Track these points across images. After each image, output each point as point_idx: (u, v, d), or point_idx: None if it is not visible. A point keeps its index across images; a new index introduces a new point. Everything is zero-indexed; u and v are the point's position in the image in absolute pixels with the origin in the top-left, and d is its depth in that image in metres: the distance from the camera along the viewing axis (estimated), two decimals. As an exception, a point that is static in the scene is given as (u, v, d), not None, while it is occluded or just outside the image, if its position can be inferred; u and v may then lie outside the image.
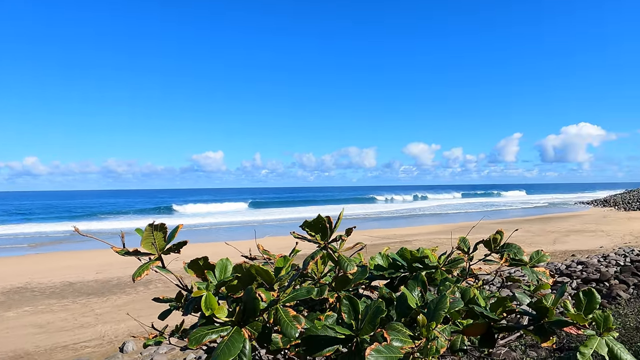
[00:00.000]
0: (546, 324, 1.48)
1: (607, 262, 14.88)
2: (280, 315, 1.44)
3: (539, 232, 24.19)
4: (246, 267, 1.58)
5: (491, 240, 2.27)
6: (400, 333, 1.30)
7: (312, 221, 1.68)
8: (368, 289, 2.44)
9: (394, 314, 1.61)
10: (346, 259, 1.82)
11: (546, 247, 18.74)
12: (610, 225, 27.25)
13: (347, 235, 1.88)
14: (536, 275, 2.14)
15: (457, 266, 2.30)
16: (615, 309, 6.33)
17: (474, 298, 1.67)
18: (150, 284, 12.75)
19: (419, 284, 1.67)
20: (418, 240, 21.30)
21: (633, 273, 13.13)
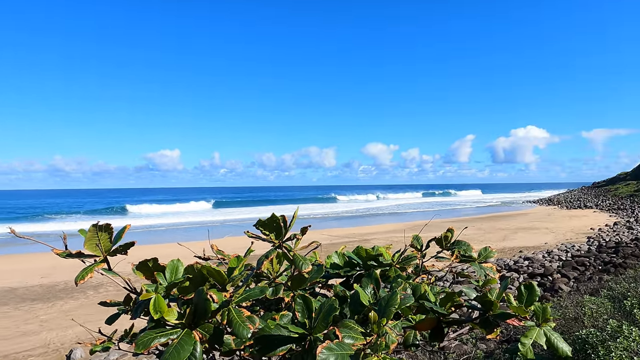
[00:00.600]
0: (491, 317, 1.55)
1: (550, 257, 15.83)
2: (232, 316, 1.41)
3: (489, 230, 25.32)
4: (198, 268, 1.54)
5: (442, 238, 2.34)
6: (352, 330, 1.32)
7: (266, 220, 1.66)
8: (325, 287, 2.45)
9: (348, 312, 1.63)
10: (301, 258, 1.82)
11: (496, 244, 19.66)
12: (554, 223, 29.01)
13: (302, 234, 1.88)
14: (484, 271, 2.23)
15: (411, 263, 2.36)
16: (557, 301, 6.74)
17: (424, 294, 1.72)
18: (100, 287, 12.19)
19: (372, 281, 1.70)
20: (376, 239, 21.69)
21: (573, 267, 14.05)
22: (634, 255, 15.07)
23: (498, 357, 4.50)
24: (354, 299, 1.56)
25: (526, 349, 1.40)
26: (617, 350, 2.98)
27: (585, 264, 14.37)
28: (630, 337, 3.10)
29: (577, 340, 3.41)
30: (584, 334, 3.39)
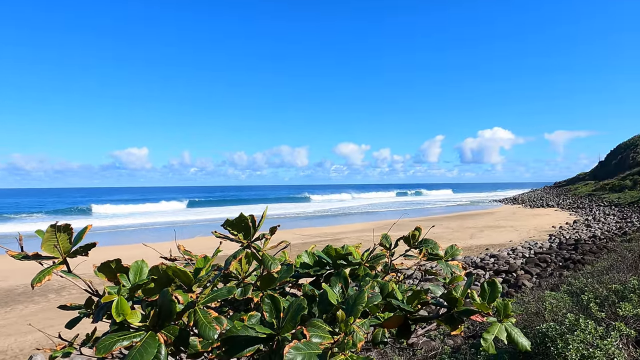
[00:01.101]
0: (455, 314, 1.59)
1: (515, 254, 16.40)
2: (198, 317, 1.39)
3: (457, 229, 25.98)
4: (163, 269, 1.51)
5: (410, 237, 2.38)
6: (320, 329, 1.32)
7: (234, 220, 1.64)
8: (295, 287, 2.44)
9: (317, 311, 1.63)
10: (270, 257, 1.80)
11: (464, 242, 20.19)
12: (519, 221, 30.07)
13: (271, 233, 1.87)
14: (450, 269, 2.28)
15: (380, 262, 2.39)
16: (521, 297, 7.00)
17: (392, 292, 1.75)
18: (63, 290, 11.73)
19: (341, 280, 1.71)
20: (348, 238, 21.86)
21: (536, 264, 14.61)
22: (592, 252, 15.82)
23: (464, 352, 4.63)
24: (323, 298, 1.56)
25: (488, 344, 1.45)
26: (575, 343, 3.12)
27: (547, 260, 14.97)
28: (587, 330, 3.25)
29: (538, 334, 3.54)
30: (544, 328, 3.53)
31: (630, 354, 3.45)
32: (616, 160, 77.38)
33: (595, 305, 3.99)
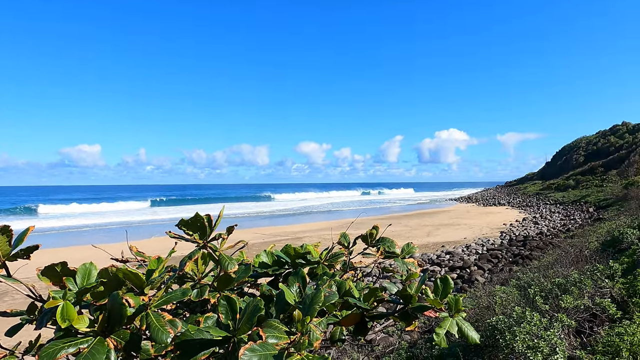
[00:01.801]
0: (410, 310, 1.64)
1: (469, 251, 17.07)
2: (151, 321, 1.34)
3: (415, 227, 26.70)
4: (113, 272, 1.45)
5: (368, 235, 2.42)
6: (276, 330, 1.32)
7: (189, 220, 1.60)
8: (253, 287, 2.42)
9: (274, 311, 1.63)
10: (227, 257, 1.78)
11: (421, 239, 20.78)
12: (472, 219, 31.31)
13: (228, 233, 1.84)
14: (406, 266, 2.34)
15: (338, 260, 2.41)
16: (474, 292, 7.29)
17: (349, 290, 1.77)
18: (5, 295, 11.01)
19: (299, 279, 1.71)
20: (308, 237, 21.91)
21: (488, 260, 15.28)
22: (539, 248, 16.75)
23: (420, 347, 4.77)
24: (280, 298, 1.56)
25: (440, 338, 1.50)
26: (521, 335, 3.30)
27: (498, 256, 15.69)
28: (532, 322, 3.45)
29: (488, 327, 3.71)
30: (494, 321, 3.71)
31: (570, 343, 3.69)
32: (561, 161, 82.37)
33: (540, 298, 4.23)
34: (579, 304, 4.26)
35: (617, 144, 65.30)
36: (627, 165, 48.19)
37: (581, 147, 77.93)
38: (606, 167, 55.41)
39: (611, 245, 10.07)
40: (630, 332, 3.64)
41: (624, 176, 43.06)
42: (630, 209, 20.51)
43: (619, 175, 45.94)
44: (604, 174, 52.83)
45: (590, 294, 4.77)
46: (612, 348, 3.43)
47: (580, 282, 4.70)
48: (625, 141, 63.28)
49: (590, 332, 4.09)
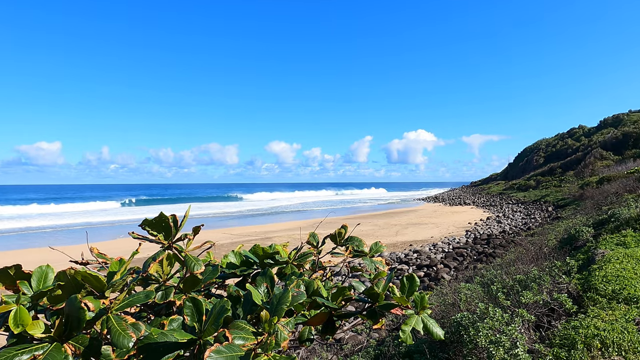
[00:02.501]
0: (377, 308, 1.65)
1: (435, 249, 17.47)
2: (111, 325, 1.30)
3: (384, 226, 27.08)
4: (71, 274, 1.39)
5: (336, 235, 2.44)
6: (243, 331, 1.30)
7: (153, 220, 1.56)
8: (221, 288, 2.38)
9: (241, 312, 1.61)
10: (193, 258, 1.74)
11: (389, 238, 21.09)
12: (439, 218, 32.08)
13: (194, 233, 1.80)
14: (374, 265, 2.36)
15: (307, 260, 2.41)
16: (440, 289, 7.47)
17: (317, 290, 1.77)
18: (-46, 301, 10.34)
19: (267, 279, 1.70)
20: (278, 237, 21.81)
21: (454, 258, 15.69)
22: (502, 246, 17.35)
23: (388, 345, 4.84)
24: (247, 299, 1.54)
25: (406, 335, 1.53)
26: (484, 330, 3.41)
27: (463, 254, 16.15)
28: (495, 317, 3.57)
29: (453, 323, 3.81)
30: (459, 318, 3.81)
31: (530, 337, 3.85)
32: (523, 162, 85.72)
33: (502, 294, 4.39)
34: (538, 300, 4.45)
35: (574, 146, 68.66)
36: (583, 167, 50.73)
37: (541, 149, 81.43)
38: (564, 168, 58.14)
39: (568, 243, 10.57)
40: (585, 325, 3.83)
41: (580, 177, 45.29)
42: (586, 208, 21.60)
43: (576, 176, 48.28)
44: (562, 174, 55.38)
45: (549, 289, 4.99)
46: (568, 341, 3.60)
47: (540, 279, 4.90)
48: (581, 143, 66.62)
49: (549, 326, 4.27)
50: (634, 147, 50.69)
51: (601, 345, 3.47)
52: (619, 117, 66.72)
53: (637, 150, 48.47)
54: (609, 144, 54.93)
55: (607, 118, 70.02)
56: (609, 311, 4.29)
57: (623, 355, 3.38)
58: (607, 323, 3.89)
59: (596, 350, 3.43)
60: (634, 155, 46.22)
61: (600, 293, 4.89)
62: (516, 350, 3.17)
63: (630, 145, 51.41)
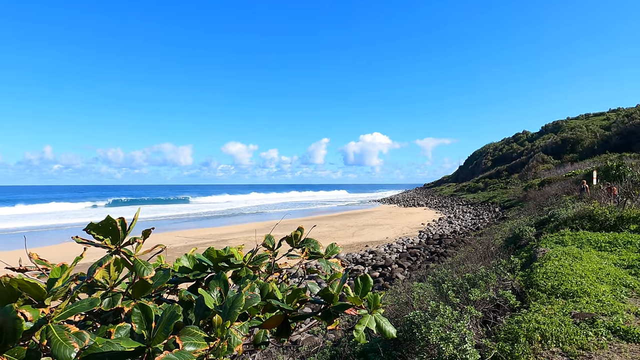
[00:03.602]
0: (331, 309, 1.67)
1: (390, 250, 17.88)
2: (52, 335, 1.22)
3: (341, 227, 27.36)
4: (6, 282, 1.29)
5: (293, 237, 2.43)
6: (194, 336, 1.27)
7: (99, 223, 1.49)
8: (173, 293, 2.31)
9: (193, 318, 1.57)
10: (143, 263, 1.68)
11: (346, 240, 21.34)
12: (394, 220, 32.87)
13: (144, 237, 1.74)
14: (330, 266, 2.39)
15: (263, 262, 2.39)
16: (394, 289, 7.65)
17: (272, 292, 1.76)
18: None
19: (220, 283, 1.67)
20: (235, 239, 21.47)
21: (408, 258, 16.12)
22: (453, 245, 18.05)
23: (344, 345, 4.89)
24: (199, 304, 1.50)
25: (359, 335, 1.55)
26: (435, 327, 3.53)
27: (417, 254, 16.63)
28: (445, 314, 3.71)
29: (407, 322, 3.92)
30: (411, 316, 3.92)
31: (478, 333, 4.03)
32: (472, 165, 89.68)
33: (452, 292, 4.57)
34: (485, 296, 4.67)
35: (518, 150, 72.78)
36: (527, 170, 53.86)
37: (489, 153, 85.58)
38: (510, 171, 61.45)
39: (513, 242, 11.18)
40: (527, 319, 4.07)
41: (524, 179, 48.05)
42: (529, 209, 22.94)
43: (520, 179, 51.17)
44: (508, 177, 58.50)
45: (495, 286, 5.25)
46: (512, 335, 3.81)
47: (487, 276, 5.15)
48: (525, 148, 70.73)
49: (495, 322, 4.49)
50: (571, 151, 54.52)
51: (541, 338, 3.70)
52: (559, 123, 71.53)
53: (574, 155, 52.16)
54: (550, 149, 58.74)
55: (548, 124, 74.88)
56: (548, 306, 4.59)
57: (560, 347, 3.62)
58: (547, 317, 4.15)
59: (537, 342, 3.65)
60: (572, 160, 49.71)
61: (541, 289, 5.21)
62: (464, 345, 3.31)
63: (568, 150, 55.25)
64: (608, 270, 5.95)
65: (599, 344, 3.65)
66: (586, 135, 55.74)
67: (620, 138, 48.09)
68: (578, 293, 4.89)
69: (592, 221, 10.44)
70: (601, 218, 10.32)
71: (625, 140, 46.89)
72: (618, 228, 9.85)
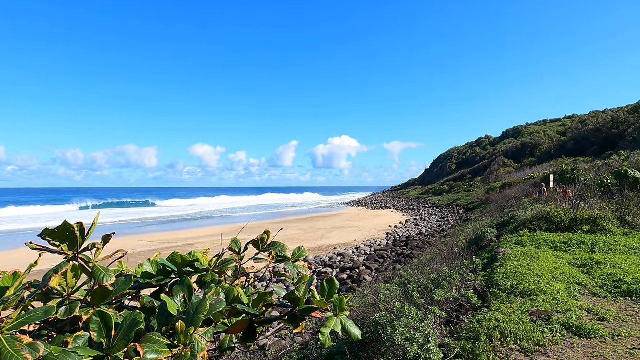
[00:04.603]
0: (297, 312, 1.68)
1: (358, 252, 18.05)
2: (2, 346, 1.17)
3: (309, 230, 27.38)
4: (-48, 292, 1.22)
5: (259, 240, 2.42)
6: (156, 344, 1.24)
7: (55, 229, 1.43)
8: (136, 299, 2.25)
9: (156, 324, 1.53)
10: (102, 269, 1.63)
11: (315, 242, 21.37)
12: (362, 222, 33.22)
13: (104, 242, 1.68)
14: (297, 269, 2.39)
15: (229, 267, 2.36)
16: (362, 291, 7.73)
17: (237, 297, 1.75)
18: None
19: (184, 288, 1.64)
20: (201, 243, 21.06)
21: (375, 260, 16.33)
22: (419, 247, 18.44)
23: (311, 348, 4.90)
24: (162, 310, 1.47)
25: (325, 337, 1.57)
26: (400, 328, 3.60)
27: (384, 256, 16.88)
28: (410, 315, 3.79)
29: (373, 323, 3.97)
30: (377, 317, 3.98)
31: (441, 333, 4.14)
32: (438, 169, 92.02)
33: (417, 293, 4.67)
34: (449, 297, 4.80)
35: (481, 154, 75.34)
36: (489, 173, 55.85)
37: (453, 156, 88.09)
38: (473, 174, 63.54)
39: (475, 243, 11.55)
40: (487, 318, 4.21)
41: (487, 182, 49.80)
42: (491, 211, 23.77)
43: (483, 182, 53.00)
44: (471, 180, 60.46)
45: (458, 287, 5.41)
46: (474, 334, 3.94)
47: (450, 277, 5.30)
48: (487, 152, 73.32)
49: (458, 321, 4.63)
50: (530, 155, 57.00)
51: (500, 336, 3.85)
52: (519, 129, 74.67)
53: (533, 159, 54.56)
54: (510, 153, 61.18)
55: (509, 129, 78.03)
56: (507, 304, 4.77)
57: (518, 344, 3.77)
58: (506, 315, 4.32)
59: (496, 340, 3.79)
60: (531, 163, 51.97)
61: (501, 288, 5.41)
62: (428, 345, 3.40)
63: (528, 154, 57.75)
64: (563, 270, 6.26)
65: (553, 340, 3.83)
66: (544, 141, 58.46)
67: (575, 143, 50.73)
68: (535, 292, 5.11)
69: (549, 222, 10.95)
70: (557, 219, 10.84)
71: (579, 145, 49.52)
72: (572, 229, 10.38)
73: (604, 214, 10.54)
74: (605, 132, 46.73)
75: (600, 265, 6.49)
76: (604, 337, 3.89)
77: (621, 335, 3.92)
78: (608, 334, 3.94)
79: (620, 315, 4.47)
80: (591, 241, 8.57)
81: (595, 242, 8.45)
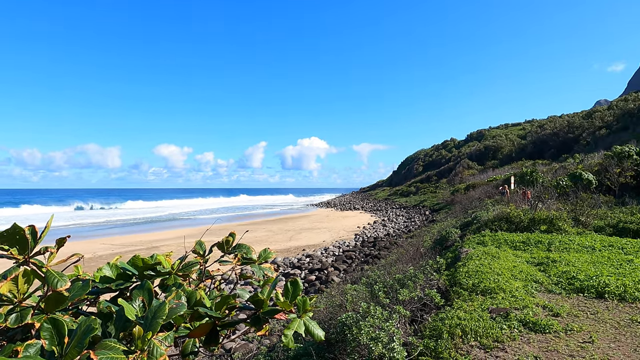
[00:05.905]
0: (261, 314, 1.67)
1: (327, 253, 18.12)
2: (-57, 358, 1.10)
3: (278, 231, 27.25)
4: None
5: (224, 243, 2.39)
6: (112, 350, 1.21)
7: (5, 232, 1.37)
8: (94, 305, 2.17)
9: (113, 330, 1.49)
10: (56, 274, 1.57)
11: (284, 244, 21.28)
12: (331, 223, 33.37)
13: (58, 246, 1.62)
14: (262, 271, 2.38)
15: (193, 269, 2.32)
16: (329, 291, 7.77)
17: (200, 300, 1.72)
18: None
19: (144, 293, 1.60)
20: (166, 246, 20.54)
21: (344, 260, 16.44)
22: (386, 248, 18.71)
23: (278, 350, 4.87)
24: (120, 315, 1.43)
25: (288, 339, 1.57)
26: (366, 328, 3.65)
27: (352, 257, 17.02)
28: (375, 315, 3.84)
29: (339, 324, 4.00)
30: (344, 318, 4.02)
31: (406, 331, 4.22)
32: (405, 170, 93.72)
33: (383, 293, 4.74)
34: (413, 296, 4.91)
35: (447, 156, 77.38)
36: (454, 175, 57.42)
37: (420, 158, 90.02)
38: (439, 176, 65.12)
39: (440, 243, 11.85)
40: (449, 316, 4.33)
41: (452, 184, 51.17)
42: (456, 212, 24.45)
43: (448, 183, 54.41)
44: (437, 181, 61.95)
45: (422, 286, 5.54)
46: (436, 331, 4.04)
47: (415, 277, 5.42)
48: (452, 154, 75.39)
49: (422, 320, 4.74)
50: (493, 158, 59.05)
51: (462, 333, 3.97)
52: (482, 132, 77.20)
53: (496, 161, 56.56)
54: (474, 155, 63.17)
55: (473, 132, 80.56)
56: (469, 302, 4.92)
57: (478, 340, 3.90)
58: (467, 313, 4.46)
59: (458, 338, 3.91)
60: (493, 166, 53.85)
61: (463, 287, 5.58)
62: (393, 344, 3.46)
63: (490, 157, 59.80)
64: (521, 268, 6.53)
65: (511, 336, 3.99)
66: (505, 144, 60.73)
67: (534, 147, 53.00)
68: (495, 290, 5.31)
69: (509, 223, 11.39)
70: (517, 220, 11.29)
71: (538, 148, 51.78)
72: (531, 229, 10.84)
73: (560, 215, 11.07)
74: (562, 136, 49.14)
75: (556, 264, 6.81)
76: (558, 332, 4.09)
77: (573, 329, 4.13)
78: (561, 329, 4.14)
79: (573, 311, 4.71)
80: (548, 240, 8.98)
81: (552, 242, 8.86)
